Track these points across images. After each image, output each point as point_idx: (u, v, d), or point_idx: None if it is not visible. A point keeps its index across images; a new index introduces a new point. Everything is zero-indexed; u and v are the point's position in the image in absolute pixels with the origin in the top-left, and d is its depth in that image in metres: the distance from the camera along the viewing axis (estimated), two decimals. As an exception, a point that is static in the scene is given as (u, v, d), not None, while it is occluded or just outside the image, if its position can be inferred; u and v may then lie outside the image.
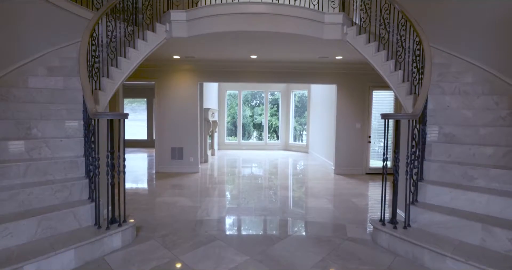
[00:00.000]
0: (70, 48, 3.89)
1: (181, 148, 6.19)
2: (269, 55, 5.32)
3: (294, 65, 6.07)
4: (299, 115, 10.53)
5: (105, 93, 3.13)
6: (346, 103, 6.21)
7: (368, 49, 3.74)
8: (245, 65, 6.10)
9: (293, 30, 3.75)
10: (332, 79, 6.21)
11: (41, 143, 2.62)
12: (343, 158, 6.23)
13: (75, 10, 3.95)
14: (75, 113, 2.95)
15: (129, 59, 3.53)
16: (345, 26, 3.92)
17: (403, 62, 3.40)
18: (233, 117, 10.94)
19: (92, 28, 2.87)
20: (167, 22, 3.89)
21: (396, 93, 3.39)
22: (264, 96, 10.63)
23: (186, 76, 6.18)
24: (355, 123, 6.22)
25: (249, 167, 7.04)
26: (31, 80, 3.23)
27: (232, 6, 3.69)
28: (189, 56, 5.50)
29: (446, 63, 3.73)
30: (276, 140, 10.90)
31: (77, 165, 2.66)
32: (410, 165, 2.52)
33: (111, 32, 3.43)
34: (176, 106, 6.19)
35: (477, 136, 2.84)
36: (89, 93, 2.42)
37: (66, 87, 3.25)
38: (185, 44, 4.44)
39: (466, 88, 3.30)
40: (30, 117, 2.87)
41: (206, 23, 3.77)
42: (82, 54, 2.62)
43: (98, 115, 2.31)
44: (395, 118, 2.54)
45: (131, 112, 10.97)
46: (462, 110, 3.05)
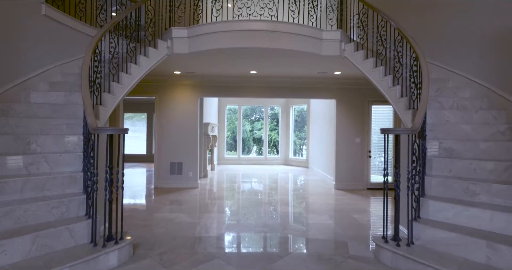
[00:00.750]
0: (73, 63, 3.95)
1: (180, 163, 6.15)
2: (268, 70, 5.40)
3: (294, 80, 6.15)
4: (299, 129, 10.56)
5: (106, 108, 3.15)
6: (346, 118, 6.24)
7: (366, 65, 3.81)
8: (245, 80, 6.18)
9: (292, 47, 3.82)
10: (331, 94, 6.28)
11: (40, 158, 2.61)
12: (344, 173, 6.19)
13: (78, 26, 4.04)
14: (75, 128, 2.95)
15: (131, 75, 3.58)
16: (343, 42, 4.01)
17: (400, 77, 3.45)
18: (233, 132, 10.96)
19: (95, 44, 2.92)
20: (168, 39, 3.98)
21: (395, 108, 3.41)
22: (264, 110, 10.70)
23: (186, 91, 6.24)
24: (355, 138, 6.22)
25: (248, 182, 6.97)
26: (32, 95, 3.26)
27: (232, 24, 3.79)
28: (189, 72, 5.58)
29: (444, 78, 3.78)
30: (276, 154, 10.87)
31: (75, 181, 2.63)
32: (411, 181, 2.49)
33: (114, 48, 3.49)
34: (176, 121, 6.22)
35: (477, 151, 2.83)
36: (90, 108, 2.44)
37: (67, 102, 3.27)
38: (186, 60, 4.52)
39: (464, 103, 3.33)
40: (30, 132, 2.86)
41: (207, 40, 3.85)
42: (84, 70, 2.66)
43: (98, 130, 2.31)
44: (394, 133, 2.54)
45: (131, 126, 11.00)
46: (462, 124, 3.06)
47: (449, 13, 3.90)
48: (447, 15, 3.92)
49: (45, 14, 3.55)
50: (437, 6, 4.05)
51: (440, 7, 4.00)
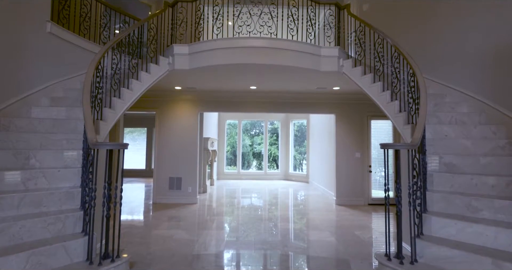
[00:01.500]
0: (75, 79, 4.01)
1: (180, 178, 6.11)
2: (268, 86, 5.47)
3: (293, 96, 6.21)
4: (299, 144, 10.56)
5: (106, 123, 3.16)
6: (345, 133, 6.26)
7: (364, 80, 3.86)
8: (245, 95, 6.25)
9: (291, 63, 3.90)
10: (330, 109, 6.33)
11: (38, 173, 2.59)
12: (344, 188, 6.13)
13: (82, 43, 4.13)
14: (75, 143, 2.96)
15: (132, 90, 3.62)
16: (341, 59, 4.09)
17: (398, 92, 3.50)
18: (232, 146, 10.95)
19: (97, 61, 2.98)
20: (170, 55, 4.06)
21: (394, 123, 3.43)
22: (264, 125, 10.74)
23: (186, 106, 6.29)
24: (355, 153, 6.21)
25: (248, 198, 6.89)
26: (34, 111, 3.28)
27: (232, 41, 3.88)
28: (190, 87, 5.65)
29: (441, 94, 3.82)
30: (276, 169, 10.81)
31: (73, 196, 2.60)
32: (413, 196, 2.47)
33: (116, 64, 3.56)
34: (176, 136, 6.23)
35: (478, 166, 2.82)
36: (90, 124, 2.45)
37: (68, 117, 3.29)
38: (187, 76, 4.59)
39: (462, 118, 3.35)
40: (30, 147, 2.86)
41: (207, 56, 3.93)
42: (86, 86, 2.70)
43: (98, 145, 2.31)
44: (394, 148, 2.54)
45: (131, 141, 11.00)
46: (461, 139, 3.06)
47: (444, 30, 4.00)
48: (443, 32, 4.02)
49: (50, 31, 3.65)
50: (433, 23, 4.16)
51: (436, 24, 4.12)
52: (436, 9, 4.13)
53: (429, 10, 4.23)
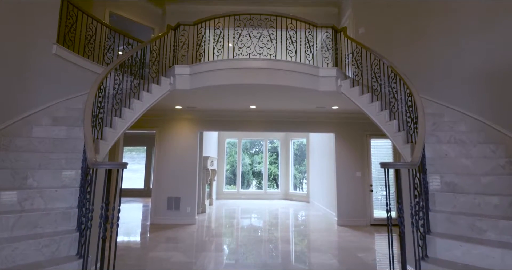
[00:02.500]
0: (77, 99, 4.06)
1: (178, 198, 6.02)
2: (268, 105, 5.54)
3: (292, 115, 6.27)
4: (299, 163, 10.51)
5: (106, 142, 3.17)
6: (345, 151, 6.25)
7: (363, 100, 3.92)
8: (244, 114, 6.31)
9: (290, 83, 3.97)
10: (330, 128, 6.36)
11: (35, 193, 2.56)
12: (346, 209, 6.03)
13: (86, 64, 4.22)
14: (74, 162, 2.94)
15: (133, 110, 3.66)
16: (339, 79, 4.17)
17: (396, 112, 3.53)
18: (232, 165, 10.88)
19: (100, 81, 3.04)
20: (171, 76, 4.14)
21: (393, 142, 3.44)
22: (264, 144, 10.75)
23: (187, 125, 6.33)
24: (355, 172, 6.17)
25: (248, 218, 6.75)
26: (35, 130, 3.29)
27: (232, 62, 3.97)
28: (190, 107, 5.72)
29: (439, 113, 3.86)
30: (275, 188, 10.68)
31: (69, 217, 2.55)
32: (415, 217, 2.42)
33: (118, 84, 3.62)
34: (176, 155, 6.21)
35: (480, 185, 2.79)
36: (90, 143, 2.45)
37: (68, 136, 3.30)
38: (188, 96, 4.66)
39: (461, 137, 3.36)
40: (28, 167, 2.85)
41: (208, 77, 4.01)
42: (88, 106, 2.73)
43: (97, 164, 2.30)
44: (394, 167, 2.53)
45: (130, 160, 10.95)
46: (461, 158, 3.05)
47: (439, 50, 4.12)
48: (437, 52, 4.14)
49: (55, 53, 3.74)
50: (427, 44, 4.29)
51: (431, 45, 4.24)
52: (430, 30, 4.27)
53: (423, 31, 4.38)
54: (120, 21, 6.22)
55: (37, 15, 3.56)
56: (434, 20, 4.24)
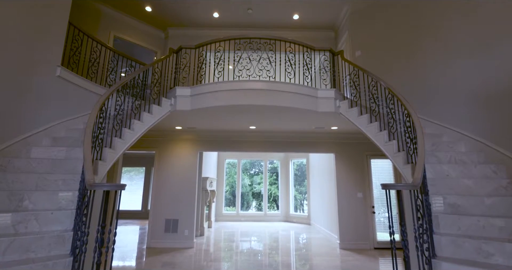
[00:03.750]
0: (78, 120, 4.09)
1: (176, 220, 5.88)
2: (267, 125, 5.57)
3: (292, 135, 6.29)
4: (299, 183, 10.39)
5: (105, 163, 3.15)
6: (346, 172, 6.20)
7: (361, 120, 3.95)
8: (244, 135, 6.33)
9: (289, 104, 4.02)
10: (329, 148, 6.36)
11: (30, 216, 2.50)
12: (348, 231, 5.88)
13: (88, 86, 4.29)
14: (72, 184, 2.91)
15: (133, 130, 3.68)
16: (337, 100, 4.23)
17: (395, 132, 3.55)
18: (231, 186, 10.74)
19: (102, 103, 3.08)
20: (172, 97, 4.20)
21: (394, 162, 3.43)
22: (263, 164, 10.68)
23: (186, 146, 6.33)
24: (357, 193, 6.09)
25: (248, 241, 6.56)
26: (34, 151, 3.29)
27: (233, 83, 4.05)
28: (190, 127, 5.75)
29: (438, 133, 3.88)
30: (276, 210, 10.47)
31: (63, 241, 2.47)
32: (420, 240, 2.36)
33: (120, 105, 3.67)
34: (175, 175, 6.15)
35: (483, 207, 2.75)
36: (89, 164, 2.44)
37: (67, 157, 3.29)
38: (188, 116, 4.70)
39: (461, 157, 3.36)
40: (25, 188, 2.81)
41: (209, 98, 4.07)
42: (89, 127, 2.74)
43: (95, 186, 2.27)
44: (396, 188, 2.50)
45: (128, 181, 10.82)
46: (462, 179, 3.03)
47: (436, 71, 4.20)
48: (435, 74, 4.23)
49: (59, 75, 3.82)
50: (423, 65, 4.38)
51: (428, 67, 4.33)
52: (425, 51, 4.38)
53: (419, 53, 4.50)
54: (123, 44, 6.42)
55: (44, 38, 3.67)
56: (429, 42, 4.37)
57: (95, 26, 5.76)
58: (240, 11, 6.07)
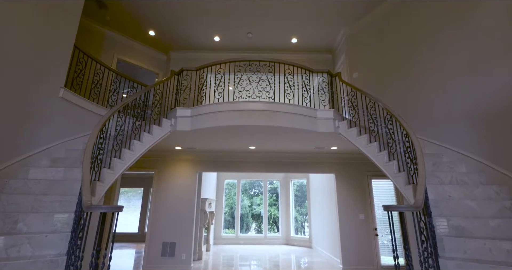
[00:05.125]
0: (79, 140, 4.09)
1: (174, 243, 5.72)
2: (267, 146, 5.57)
3: (292, 155, 6.28)
4: (300, 204, 10.20)
5: (103, 183, 3.12)
6: (347, 193, 6.12)
7: (361, 140, 3.96)
8: (244, 155, 6.31)
9: (288, 125, 4.05)
10: (330, 168, 6.32)
11: (23, 239, 2.43)
12: (351, 255, 5.69)
13: (90, 107, 4.33)
14: (68, 205, 2.85)
15: (133, 151, 3.67)
16: (336, 120, 4.26)
17: (395, 152, 3.55)
18: (231, 208, 10.54)
19: (103, 124, 3.10)
20: (173, 118, 4.24)
21: (395, 183, 3.39)
22: (263, 185, 10.55)
23: (186, 166, 6.29)
24: (359, 214, 5.97)
25: (247, 266, 6.33)
26: (32, 171, 3.26)
27: (233, 104, 4.10)
28: (190, 147, 5.75)
29: (438, 153, 3.87)
30: (276, 232, 10.20)
31: (56, 266, 2.38)
32: (425, 264, 2.28)
33: (120, 126, 3.69)
34: (173, 196, 6.06)
35: (488, 229, 2.68)
36: (87, 185, 2.41)
37: (65, 178, 3.25)
38: (188, 137, 4.71)
39: (463, 178, 3.33)
40: (20, 210, 2.75)
41: (209, 119, 4.11)
42: (88, 147, 2.74)
43: (91, 208, 2.23)
44: (398, 210, 2.45)
45: (125, 202, 10.63)
46: (465, 200, 2.98)
47: (434, 92, 4.22)
48: (431, 93, 4.25)
49: (61, 96, 3.87)
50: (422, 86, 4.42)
51: (425, 87, 4.35)
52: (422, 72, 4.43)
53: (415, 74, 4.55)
54: (126, 65, 6.58)
55: (50, 61, 3.76)
56: (425, 63, 4.44)
57: (99, 48, 5.94)
58: (240, 35, 6.29)
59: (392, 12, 5.17)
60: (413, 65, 4.64)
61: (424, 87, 4.40)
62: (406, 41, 4.84)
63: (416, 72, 4.57)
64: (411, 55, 4.70)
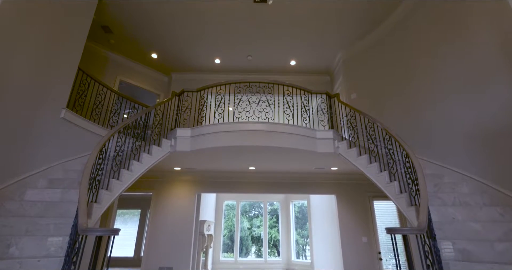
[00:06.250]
0: (77, 161, 4.06)
1: (170, 268, 5.51)
2: (267, 166, 5.54)
3: (292, 176, 6.22)
4: (301, 227, 9.95)
5: (100, 205, 3.06)
6: (348, 215, 5.99)
7: (361, 161, 3.94)
8: (244, 175, 6.26)
9: (288, 145, 4.05)
10: (330, 189, 6.24)
11: (15, 264, 2.35)
12: (354, 280, 5.47)
13: (90, 127, 4.34)
14: (64, 228, 2.78)
15: (131, 172, 3.64)
16: (335, 140, 4.27)
17: (396, 173, 3.52)
18: (230, 230, 10.27)
19: (103, 144, 3.10)
20: (172, 138, 4.25)
21: (397, 204, 3.34)
22: (263, 206, 10.36)
23: (185, 187, 6.21)
24: (361, 237, 5.81)
25: (246, 292, 6.06)
26: (28, 193, 3.21)
27: (233, 125, 4.13)
28: (189, 168, 5.71)
29: (439, 174, 3.84)
30: (276, 256, 9.86)
31: (47, 293, 2.29)
32: (432, 290, 2.19)
33: (120, 146, 3.68)
34: (171, 218, 5.93)
35: (495, 253, 2.60)
36: (84, 207, 2.37)
37: (62, 200, 3.20)
38: (187, 157, 4.70)
39: (466, 199, 3.28)
40: (14, 233, 2.68)
41: (209, 139, 4.12)
42: (86, 168, 2.73)
43: (87, 231, 2.18)
44: (401, 233, 2.40)
45: (122, 225, 10.37)
46: (469, 222, 2.92)
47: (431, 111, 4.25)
48: (430, 113, 4.27)
49: (63, 117, 3.90)
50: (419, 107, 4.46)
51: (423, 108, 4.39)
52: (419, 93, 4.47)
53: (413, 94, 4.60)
54: (128, 86, 6.70)
55: (53, 82, 3.81)
56: (421, 83, 4.50)
57: (103, 70, 6.08)
58: (240, 57, 6.47)
59: (387, 35, 5.35)
60: (409, 85, 4.72)
61: (421, 107, 4.45)
62: (401, 62, 4.96)
63: (413, 92, 4.64)
64: (407, 76, 4.80)
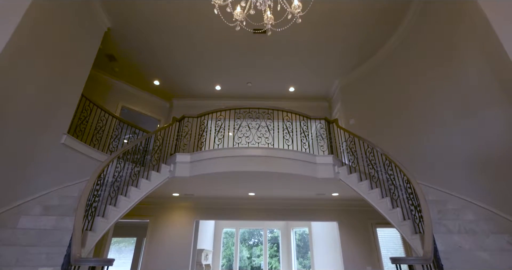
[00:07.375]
0: (75, 187, 4.00)
1: (166, 301, 5.21)
2: (266, 192, 5.45)
3: (293, 202, 6.10)
4: (302, 255, 9.56)
5: (95, 233, 2.97)
6: (351, 243, 5.79)
7: (362, 187, 3.89)
8: (243, 202, 6.13)
9: (288, 170, 4.02)
10: (332, 216, 6.09)
11: (1, 297, 2.23)
12: (360, 314, 5.15)
13: (90, 152, 4.33)
14: (56, 258, 2.67)
15: (129, 198, 3.58)
16: (336, 166, 4.25)
17: (398, 199, 3.45)
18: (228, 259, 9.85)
19: (101, 170, 3.08)
20: (172, 163, 4.22)
21: (400, 232, 3.24)
22: (263, 234, 10.03)
23: (182, 214, 6.06)
24: (366, 266, 5.57)
25: None
26: (22, 220, 3.12)
27: (232, 150, 4.13)
28: (188, 194, 5.61)
29: (442, 200, 3.77)
30: (277, 288, 9.37)
31: None
32: None
33: (118, 172, 3.65)
34: (168, 247, 5.71)
35: (507, 284, 2.48)
36: (78, 236, 2.30)
37: (56, 228, 3.10)
38: (186, 183, 4.64)
39: (471, 227, 3.19)
40: (3, 264, 2.57)
41: (208, 164, 4.09)
42: (83, 195, 2.68)
43: (80, 261, 2.10)
44: (406, 263, 2.30)
45: (116, 254, 9.95)
46: (477, 251, 2.81)
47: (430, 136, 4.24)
48: (429, 139, 4.26)
49: (63, 142, 3.90)
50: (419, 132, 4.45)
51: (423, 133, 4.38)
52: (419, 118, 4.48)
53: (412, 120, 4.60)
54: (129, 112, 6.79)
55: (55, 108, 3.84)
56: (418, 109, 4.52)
57: (105, 96, 6.19)
58: (240, 84, 6.63)
59: (383, 64, 5.52)
60: (407, 111, 4.77)
61: (420, 133, 4.45)
62: (398, 89, 5.07)
63: (411, 118, 4.67)
64: (405, 102, 4.87)
